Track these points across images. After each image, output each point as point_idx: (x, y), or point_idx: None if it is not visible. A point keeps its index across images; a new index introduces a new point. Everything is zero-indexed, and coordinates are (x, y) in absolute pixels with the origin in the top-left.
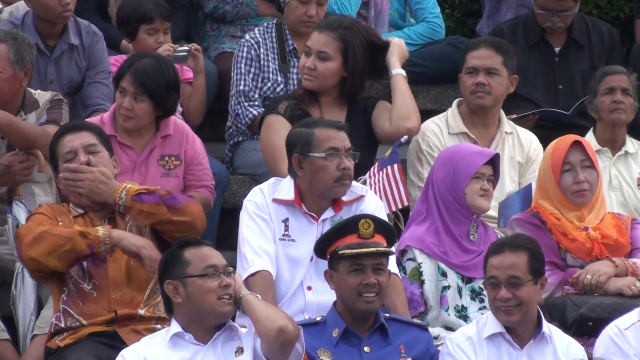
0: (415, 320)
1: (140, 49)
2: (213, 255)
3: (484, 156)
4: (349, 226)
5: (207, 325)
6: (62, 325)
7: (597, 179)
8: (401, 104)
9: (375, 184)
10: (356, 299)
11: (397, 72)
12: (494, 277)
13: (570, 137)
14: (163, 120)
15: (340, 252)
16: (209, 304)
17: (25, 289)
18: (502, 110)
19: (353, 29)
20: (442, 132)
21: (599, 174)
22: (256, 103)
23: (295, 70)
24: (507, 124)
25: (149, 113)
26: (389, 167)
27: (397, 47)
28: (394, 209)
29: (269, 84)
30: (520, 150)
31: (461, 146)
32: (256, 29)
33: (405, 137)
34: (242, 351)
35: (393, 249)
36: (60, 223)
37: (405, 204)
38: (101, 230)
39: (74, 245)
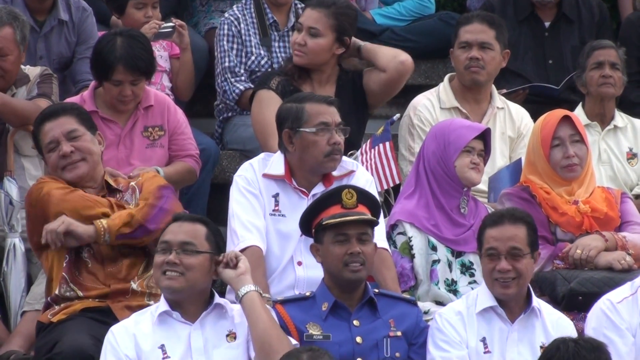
0: (405, 295)
1: (129, 23)
2: (171, 231)
3: (474, 130)
4: (332, 197)
5: (187, 301)
6: (57, 293)
7: (587, 154)
8: (384, 51)
9: (367, 161)
10: (342, 269)
11: (364, 43)
12: (494, 248)
13: (560, 112)
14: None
15: (324, 223)
16: (156, 278)
17: (16, 266)
18: (493, 86)
19: (344, 5)
20: (433, 106)
21: (588, 149)
22: (242, 78)
23: (276, 44)
24: (499, 99)
25: (143, 88)
26: (380, 145)
27: None
28: (385, 187)
29: (253, 58)
30: (512, 125)
31: (452, 120)
32: (234, 6)
33: (398, 115)
34: (235, 337)
35: (381, 221)
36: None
37: (397, 181)
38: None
39: (98, 214)
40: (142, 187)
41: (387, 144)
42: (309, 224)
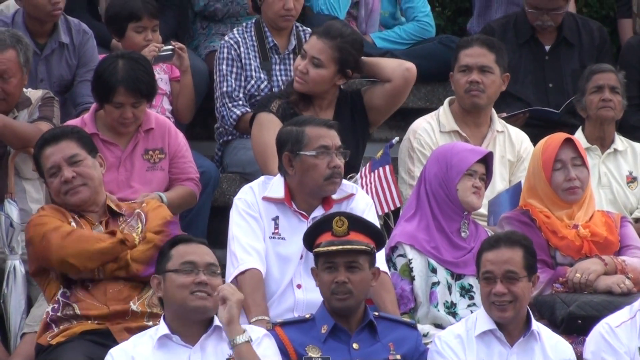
0: (405, 319)
1: (128, 47)
2: (194, 252)
3: (477, 154)
4: (323, 224)
5: (187, 321)
6: (59, 314)
7: (588, 177)
8: (386, 61)
9: (367, 185)
10: (330, 296)
11: (363, 58)
12: (490, 271)
13: (561, 135)
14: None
15: (315, 250)
16: (180, 298)
17: (16, 288)
18: (493, 109)
19: (351, 39)
20: (433, 130)
21: (588, 172)
22: (240, 102)
23: (277, 67)
24: (499, 123)
25: (144, 111)
26: (380, 169)
27: None
28: (386, 210)
29: (252, 82)
30: (512, 148)
31: (455, 144)
32: (235, 29)
33: (397, 138)
34: None
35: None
36: (72, 223)
37: (397, 205)
38: (137, 237)
39: (113, 254)
40: (147, 216)
41: (387, 167)
42: (309, 247)
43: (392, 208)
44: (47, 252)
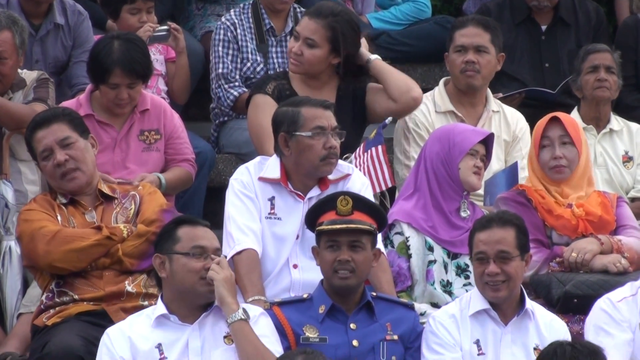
0: (402, 300)
1: (123, 28)
2: (204, 237)
3: (479, 134)
4: (328, 203)
5: (190, 304)
6: (56, 299)
7: (577, 156)
8: (397, 79)
9: (360, 165)
10: (331, 275)
11: (374, 56)
12: (483, 252)
13: (551, 114)
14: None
15: (317, 229)
16: (190, 283)
17: (12, 268)
18: (488, 89)
19: (343, 17)
20: (429, 110)
21: (579, 151)
22: (237, 84)
23: (273, 49)
24: (494, 103)
25: (140, 92)
26: (373, 149)
27: (363, 43)
28: (378, 190)
29: (249, 64)
30: (507, 128)
31: (456, 124)
32: (232, 10)
33: (390, 118)
34: (232, 340)
35: None
36: (59, 218)
37: (389, 185)
38: (125, 230)
39: (101, 252)
40: (142, 200)
41: (380, 147)
42: (311, 226)
43: (384, 188)
44: (35, 257)
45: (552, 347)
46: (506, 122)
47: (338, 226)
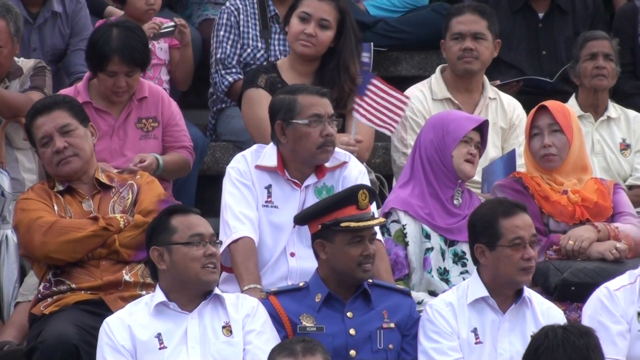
0: (398, 286)
1: (131, 12)
2: (200, 224)
3: (473, 121)
4: (349, 198)
5: (191, 293)
6: (53, 288)
7: (567, 144)
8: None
9: (367, 111)
10: (355, 269)
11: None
12: (521, 237)
13: (541, 103)
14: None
15: (343, 225)
16: (193, 272)
17: (8, 257)
18: (485, 76)
19: (346, 3)
20: (426, 98)
21: (569, 139)
22: (233, 70)
23: (276, 36)
24: (491, 90)
25: (138, 80)
26: (371, 86)
27: None
28: (401, 114)
29: (249, 50)
30: (504, 116)
31: (451, 111)
32: None
33: (368, 57)
34: (231, 331)
35: (375, 212)
36: (55, 207)
37: (407, 100)
38: (121, 220)
39: (97, 242)
40: (140, 189)
41: (374, 80)
42: (313, 220)
43: (406, 103)
44: (31, 248)
45: (543, 330)
46: (503, 109)
47: (371, 222)
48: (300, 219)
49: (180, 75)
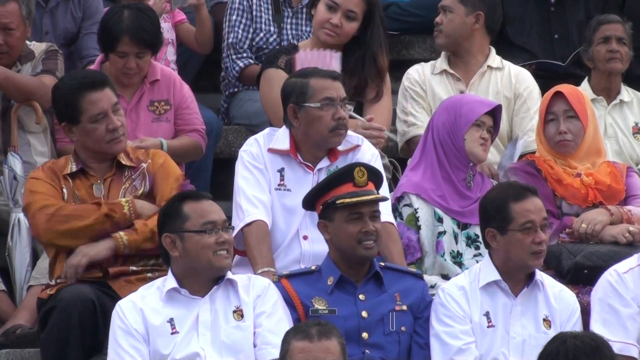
0: (411, 269)
1: None
2: (212, 211)
3: (486, 105)
4: (344, 175)
5: (204, 278)
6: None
7: (582, 130)
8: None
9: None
10: (356, 246)
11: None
12: (532, 221)
13: (556, 88)
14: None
15: (338, 202)
16: (206, 259)
17: (21, 241)
18: (491, 47)
19: None
20: (424, 70)
21: (584, 125)
22: (244, 55)
23: (288, 20)
24: (496, 60)
25: (149, 62)
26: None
27: None
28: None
29: (262, 34)
30: (508, 85)
31: (464, 95)
32: None
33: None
34: (242, 315)
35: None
36: (64, 189)
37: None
38: (126, 206)
39: (100, 229)
40: (155, 178)
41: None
42: (315, 201)
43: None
44: (37, 233)
45: (554, 344)
46: (509, 79)
47: (366, 198)
48: (305, 202)
49: (202, 36)
